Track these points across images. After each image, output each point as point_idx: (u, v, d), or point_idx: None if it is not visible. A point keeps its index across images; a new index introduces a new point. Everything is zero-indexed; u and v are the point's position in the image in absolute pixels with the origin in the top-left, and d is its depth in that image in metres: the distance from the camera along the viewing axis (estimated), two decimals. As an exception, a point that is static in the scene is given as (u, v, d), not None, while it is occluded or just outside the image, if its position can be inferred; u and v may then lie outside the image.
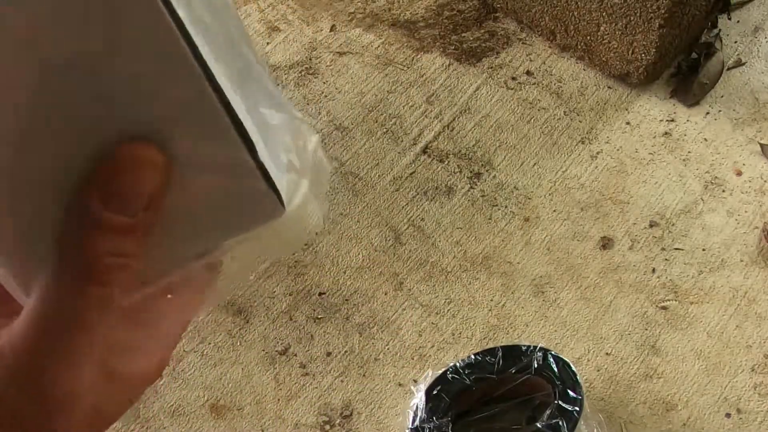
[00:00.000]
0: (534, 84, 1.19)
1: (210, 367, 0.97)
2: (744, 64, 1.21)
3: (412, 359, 0.97)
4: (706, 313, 1.00)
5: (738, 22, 1.25)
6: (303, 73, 1.20)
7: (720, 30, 1.23)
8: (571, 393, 0.87)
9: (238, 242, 0.28)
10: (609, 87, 1.18)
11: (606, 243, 1.05)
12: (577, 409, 0.86)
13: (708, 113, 1.16)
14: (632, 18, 1.11)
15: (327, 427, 0.94)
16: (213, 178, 0.27)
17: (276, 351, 0.98)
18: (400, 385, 0.96)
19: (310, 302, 1.01)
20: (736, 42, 1.23)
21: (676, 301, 1.01)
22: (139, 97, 0.26)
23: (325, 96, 1.18)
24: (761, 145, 1.12)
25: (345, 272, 1.03)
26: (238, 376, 0.97)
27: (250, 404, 0.95)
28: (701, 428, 0.93)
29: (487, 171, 1.11)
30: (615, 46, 1.15)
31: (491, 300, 1.01)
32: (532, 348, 0.91)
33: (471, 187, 1.10)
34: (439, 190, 1.10)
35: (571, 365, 0.89)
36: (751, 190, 1.09)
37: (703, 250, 1.04)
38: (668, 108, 1.17)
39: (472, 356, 0.92)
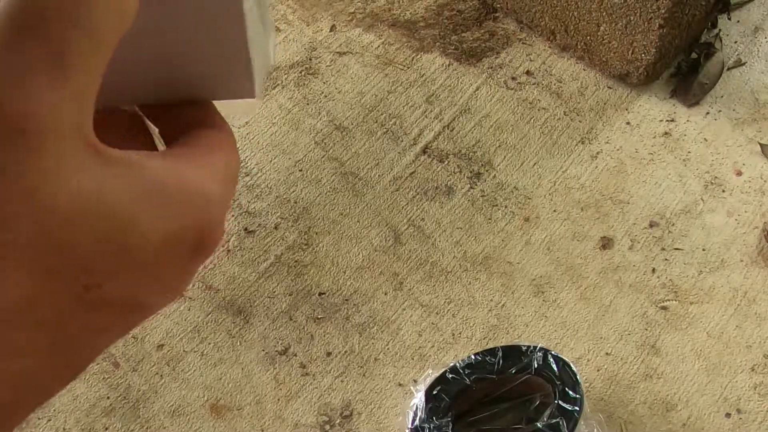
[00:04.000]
0: (534, 84, 1.19)
1: (210, 367, 0.97)
2: (744, 64, 1.21)
3: (412, 359, 0.97)
4: (706, 313, 1.00)
5: (738, 22, 1.25)
6: (303, 73, 1.20)
7: (720, 30, 1.23)
8: (571, 393, 0.87)
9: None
10: (609, 87, 1.18)
11: (606, 243, 1.05)
12: (577, 408, 0.86)
13: (708, 113, 1.16)
14: (632, 18, 1.11)
15: (327, 427, 0.94)
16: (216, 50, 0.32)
17: (276, 351, 0.98)
18: (400, 385, 0.96)
19: (310, 302, 1.01)
20: (736, 42, 1.23)
21: (676, 301, 1.01)
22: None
23: (325, 96, 1.18)
24: (761, 145, 1.12)
25: (345, 272, 1.03)
26: (238, 376, 0.97)
27: (250, 404, 0.95)
28: (701, 428, 0.93)
29: (487, 171, 1.11)
30: (615, 46, 1.15)
31: (491, 300, 1.01)
32: (532, 348, 0.91)
33: (471, 187, 1.10)
34: (439, 190, 1.10)
35: (571, 365, 0.89)
36: (751, 190, 1.09)
37: (703, 250, 1.04)
38: (668, 108, 1.17)
39: (472, 356, 0.92)
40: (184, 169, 0.27)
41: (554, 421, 0.86)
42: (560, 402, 0.87)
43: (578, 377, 0.88)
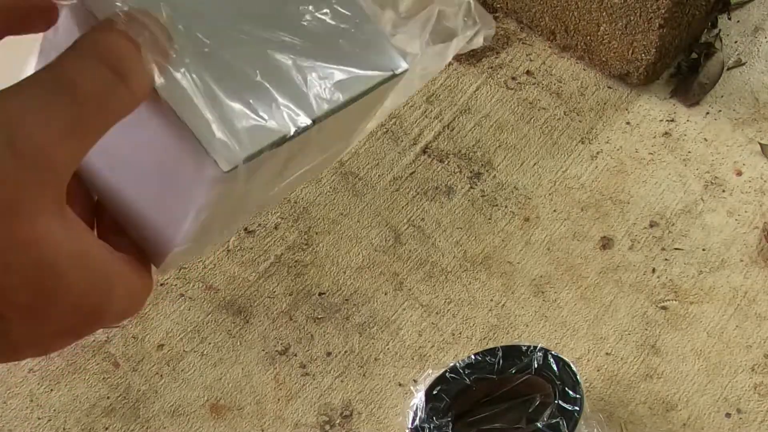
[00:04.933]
0: (534, 84, 1.19)
1: (210, 367, 0.97)
2: (744, 64, 1.21)
3: (412, 359, 0.97)
4: (706, 313, 1.00)
5: (738, 22, 1.25)
6: (303, 73, 1.20)
7: (720, 30, 1.23)
8: (571, 393, 0.87)
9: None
10: (609, 87, 1.18)
11: (606, 243, 1.05)
12: (577, 408, 0.86)
13: (708, 113, 1.16)
14: (632, 18, 1.11)
15: (327, 427, 0.94)
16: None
17: (276, 351, 0.98)
18: (400, 385, 0.96)
19: (310, 302, 1.01)
20: (736, 42, 1.23)
21: (676, 301, 1.01)
22: None
23: (325, 96, 1.18)
24: (761, 145, 1.12)
25: (345, 272, 1.03)
26: (238, 376, 0.97)
27: (250, 404, 0.95)
28: (701, 428, 0.93)
29: (487, 171, 1.11)
30: (615, 46, 1.15)
31: (491, 300, 1.01)
32: (532, 348, 0.91)
33: (471, 187, 1.10)
34: (439, 190, 1.10)
35: (571, 365, 0.89)
36: (751, 190, 1.09)
37: (703, 250, 1.04)
38: (668, 108, 1.17)
39: (472, 356, 0.92)
40: (110, 266, 0.32)
41: (554, 421, 0.86)
42: (560, 402, 0.87)
43: (578, 377, 0.88)
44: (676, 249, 1.05)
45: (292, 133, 0.33)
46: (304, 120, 0.33)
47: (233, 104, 0.32)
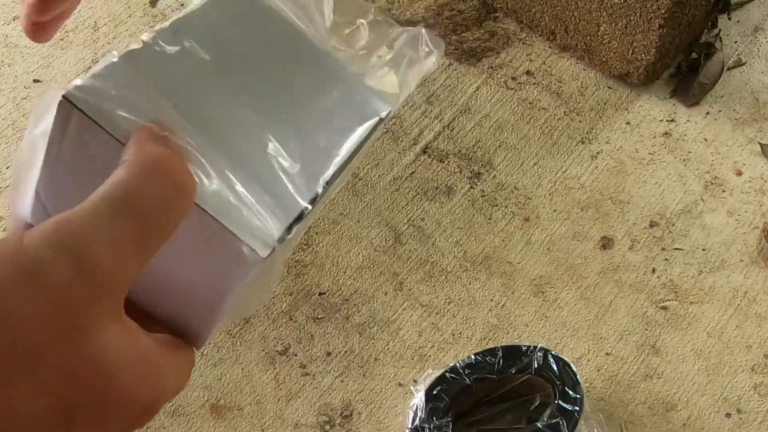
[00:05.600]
0: (534, 84, 1.19)
1: (210, 367, 0.97)
2: (744, 64, 1.21)
3: (412, 359, 0.97)
4: (706, 313, 1.00)
5: (738, 22, 1.25)
6: (303, 73, 1.20)
7: (720, 30, 1.23)
8: (571, 393, 0.87)
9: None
10: (609, 87, 1.18)
11: (606, 243, 1.05)
12: (577, 408, 0.86)
13: (708, 113, 1.16)
14: (632, 18, 1.11)
15: (327, 427, 0.94)
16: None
17: (276, 351, 0.98)
18: (400, 385, 0.96)
19: (310, 302, 1.01)
20: (736, 42, 1.23)
21: (676, 301, 1.01)
22: None
23: (325, 96, 1.18)
24: (761, 145, 1.13)
25: (345, 272, 1.03)
26: (238, 376, 0.97)
27: (250, 404, 0.95)
28: (701, 428, 0.93)
29: (487, 171, 1.11)
30: (615, 46, 1.15)
31: (491, 300, 1.01)
32: (532, 348, 0.91)
33: (471, 187, 1.10)
34: (439, 190, 1.10)
35: (571, 365, 0.89)
36: (751, 190, 1.09)
37: (703, 250, 1.04)
38: (668, 108, 1.17)
39: (472, 356, 0.92)
40: (160, 358, 0.32)
41: (554, 421, 0.86)
42: (560, 402, 0.87)
43: (578, 377, 0.88)
44: (676, 249, 1.05)
45: (311, 204, 0.36)
46: (318, 187, 0.36)
47: (253, 190, 0.33)
